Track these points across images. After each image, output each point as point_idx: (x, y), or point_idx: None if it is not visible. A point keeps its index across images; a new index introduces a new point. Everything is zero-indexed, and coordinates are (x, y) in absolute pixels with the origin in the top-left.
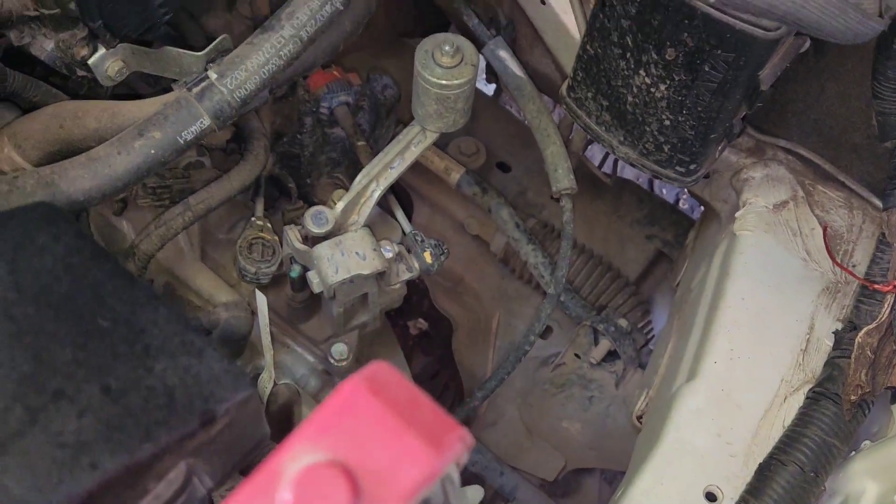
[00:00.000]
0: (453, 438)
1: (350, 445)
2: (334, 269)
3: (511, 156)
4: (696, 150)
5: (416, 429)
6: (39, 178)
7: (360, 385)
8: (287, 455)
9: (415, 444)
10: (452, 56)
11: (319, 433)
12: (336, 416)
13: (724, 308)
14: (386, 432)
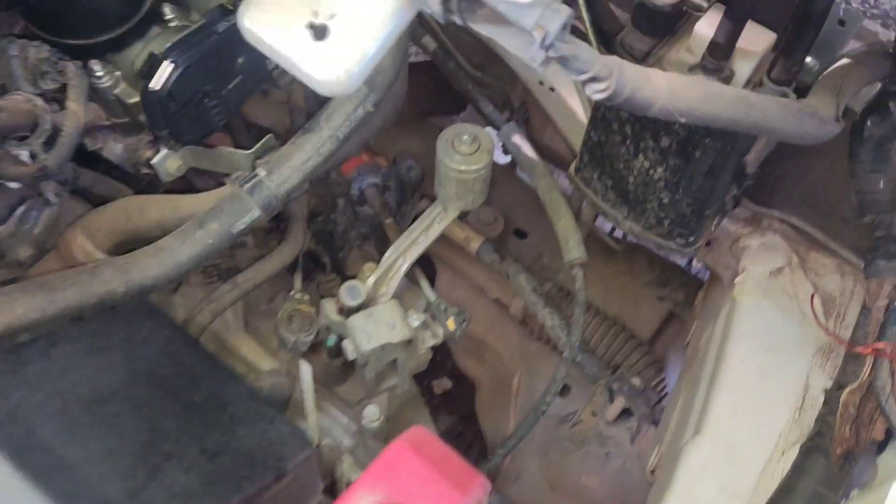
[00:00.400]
0: (476, 485)
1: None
2: (367, 338)
3: (527, 223)
4: (693, 225)
5: (447, 477)
6: (115, 267)
7: (405, 445)
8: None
9: (446, 489)
10: (470, 145)
11: (376, 481)
12: (387, 469)
13: (725, 368)
14: (424, 480)
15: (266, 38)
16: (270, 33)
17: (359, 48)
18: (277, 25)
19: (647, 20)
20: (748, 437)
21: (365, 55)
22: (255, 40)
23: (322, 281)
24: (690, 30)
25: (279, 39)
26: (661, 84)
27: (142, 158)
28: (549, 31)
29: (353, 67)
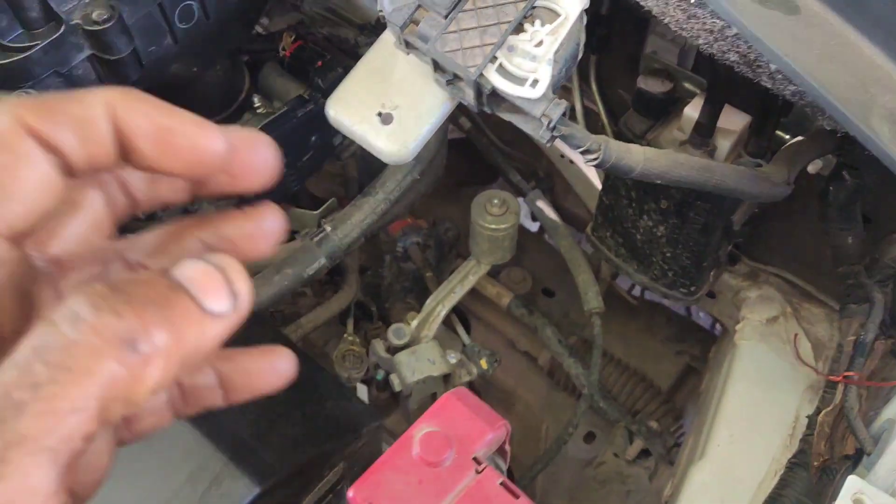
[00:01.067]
0: (500, 424)
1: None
2: (411, 371)
3: (555, 283)
4: (693, 276)
5: (481, 418)
6: None
7: (451, 395)
8: (416, 427)
9: (479, 425)
10: (500, 207)
11: (431, 418)
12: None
13: (725, 402)
14: (464, 419)
15: (346, 123)
16: (349, 119)
17: (415, 129)
18: (355, 114)
19: (644, 105)
20: (745, 460)
21: (420, 134)
22: (338, 124)
23: (369, 328)
24: (681, 113)
25: (356, 124)
26: (637, 154)
27: None
28: (553, 118)
29: (410, 143)
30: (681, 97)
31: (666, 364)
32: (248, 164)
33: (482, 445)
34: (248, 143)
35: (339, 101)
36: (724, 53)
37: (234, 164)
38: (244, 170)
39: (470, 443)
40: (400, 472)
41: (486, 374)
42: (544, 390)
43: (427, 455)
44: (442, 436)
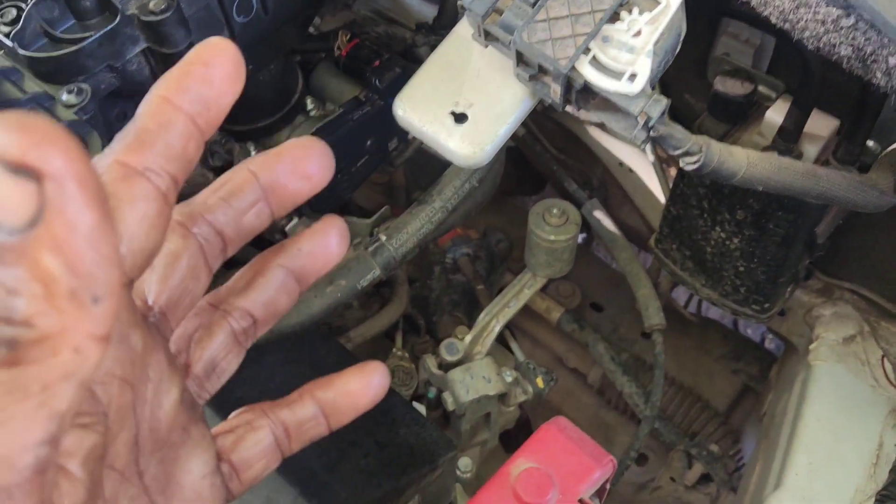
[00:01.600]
0: (607, 460)
1: (548, 459)
2: (465, 390)
3: (604, 297)
4: (768, 292)
5: (586, 452)
6: None
7: (552, 427)
8: (514, 463)
9: (585, 460)
10: (559, 217)
11: (530, 452)
12: (539, 443)
13: (802, 428)
14: (567, 454)
15: (416, 123)
16: (420, 119)
17: (492, 129)
18: (426, 113)
19: (721, 108)
20: (825, 490)
21: (497, 134)
22: (407, 125)
23: (417, 342)
24: (761, 117)
25: (427, 124)
26: (741, 157)
27: (278, 226)
28: (652, 116)
29: (486, 144)
30: (758, 100)
31: (721, 383)
32: (306, 171)
33: (589, 485)
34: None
35: (408, 98)
36: (833, 48)
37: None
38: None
39: (575, 482)
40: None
41: (542, 394)
42: (593, 409)
43: (527, 495)
44: (543, 473)
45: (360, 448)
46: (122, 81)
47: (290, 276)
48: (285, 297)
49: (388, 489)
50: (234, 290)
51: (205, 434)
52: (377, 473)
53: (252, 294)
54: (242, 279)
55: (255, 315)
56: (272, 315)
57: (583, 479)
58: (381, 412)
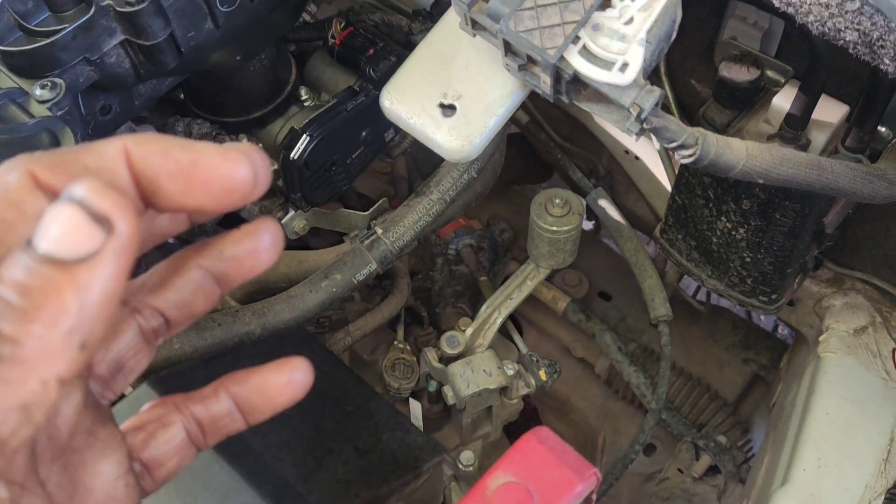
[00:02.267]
0: (590, 473)
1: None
2: (466, 384)
3: (611, 285)
4: (775, 283)
5: (567, 465)
6: (253, 311)
7: (532, 438)
8: (491, 477)
9: (567, 474)
10: (562, 207)
11: (508, 466)
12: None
13: (811, 422)
14: (548, 466)
15: (403, 115)
16: (407, 111)
17: (481, 122)
18: (413, 105)
19: (727, 95)
20: (834, 487)
21: (486, 127)
22: (394, 117)
23: (419, 335)
24: (768, 103)
25: (415, 116)
26: (739, 149)
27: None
28: (644, 108)
29: (475, 138)
30: (766, 86)
31: (731, 373)
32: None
33: (570, 499)
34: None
35: (395, 90)
36: (838, 32)
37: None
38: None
39: (555, 496)
40: None
41: (546, 387)
42: (601, 399)
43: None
44: (522, 488)
45: (338, 455)
46: (101, 74)
47: (209, 278)
48: (202, 300)
49: (367, 499)
50: (145, 285)
51: (114, 434)
52: (356, 482)
53: (165, 293)
54: (156, 275)
55: (167, 315)
56: (187, 317)
57: (564, 493)
58: (364, 416)
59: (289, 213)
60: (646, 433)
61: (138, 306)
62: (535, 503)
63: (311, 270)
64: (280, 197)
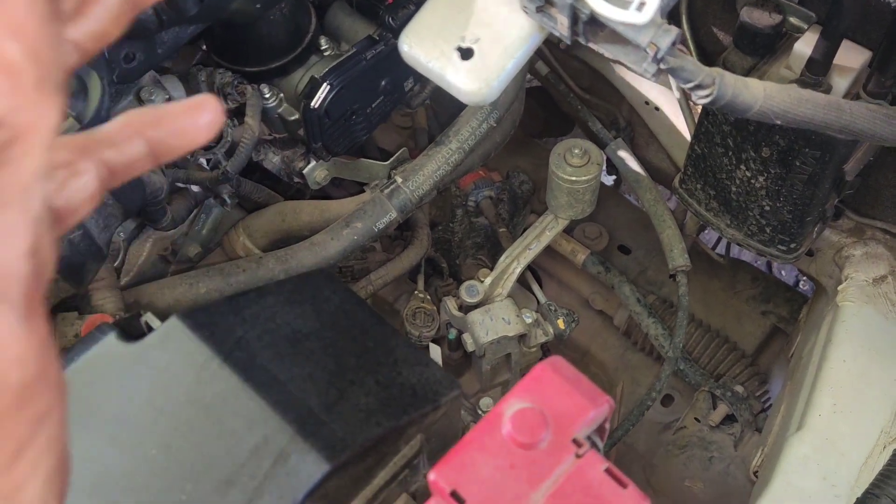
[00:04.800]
0: (603, 400)
1: (542, 399)
2: (485, 331)
3: (631, 239)
4: (794, 231)
5: (580, 392)
6: (277, 258)
7: (547, 367)
8: (506, 403)
9: (580, 400)
10: (581, 157)
11: (524, 392)
12: (533, 383)
13: (827, 369)
14: (562, 393)
15: (422, 59)
16: (425, 55)
17: (498, 65)
18: (431, 49)
19: (748, 41)
20: (849, 432)
21: (503, 70)
22: (413, 61)
23: (439, 285)
24: (789, 49)
25: (433, 59)
26: (757, 90)
27: (295, 168)
28: (661, 48)
29: (493, 80)
30: (787, 32)
31: (750, 325)
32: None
33: (583, 425)
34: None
35: (414, 34)
36: None
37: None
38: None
39: (569, 422)
40: (488, 454)
41: (563, 335)
42: (619, 350)
43: (520, 435)
44: (537, 413)
45: (360, 387)
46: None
47: (147, 148)
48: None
49: (388, 428)
50: (98, 138)
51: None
52: (377, 413)
53: (104, 151)
54: (108, 132)
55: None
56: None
57: (577, 419)
58: (384, 352)
59: (310, 163)
60: (662, 381)
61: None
62: (550, 427)
63: (332, 219)
64: (301, 147)
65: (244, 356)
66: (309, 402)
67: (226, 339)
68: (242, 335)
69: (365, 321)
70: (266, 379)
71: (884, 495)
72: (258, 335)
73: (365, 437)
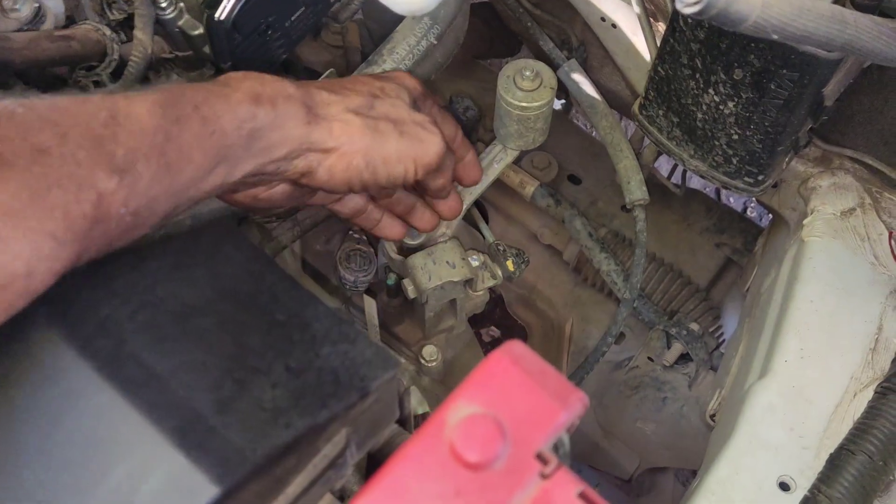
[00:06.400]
0: (576, 399)
1: (497, 401)
2: (427, 276)
3: (581, 168)
4: (763, 163)
5: (547, 390)
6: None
7: (503, 357)
8: (450, 408)
9: (546, 401)
10: (532, 80)
11: (473, 392)
12: (485, 380)
13: (793, 310)
14: (523, 392)
15: None
16: None
17: None
18: None
19: None
20: (818, 378)
21: None
22: None
23: None
24: None
25: None
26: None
27: None
28: None
29: None
30: None
31: (703, 258)
32: None
33: (550, 434)
34: None
35: None
36: None
37: None
38: None
39: (532, 431)
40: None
41: (512, 278)
42: (569, 286)
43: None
44: (490, 421)
45: (265, 377)
46: None
47: None
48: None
49: (301, 429)
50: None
51: None
52: (287, 411)
53: None
54: None
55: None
56: None
57: (543, 426)
58: (299, 327)
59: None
60: (619, 324)
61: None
62: (507, 439)
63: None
64: (210, 67)
65: (110, 344)
66: (196, 403)
67: (85, 320)
68: (109, 314)
69: (275, 286)
70: (139, 373)
71: (859, 451)
72: (131, 313)
73: (270, 445)
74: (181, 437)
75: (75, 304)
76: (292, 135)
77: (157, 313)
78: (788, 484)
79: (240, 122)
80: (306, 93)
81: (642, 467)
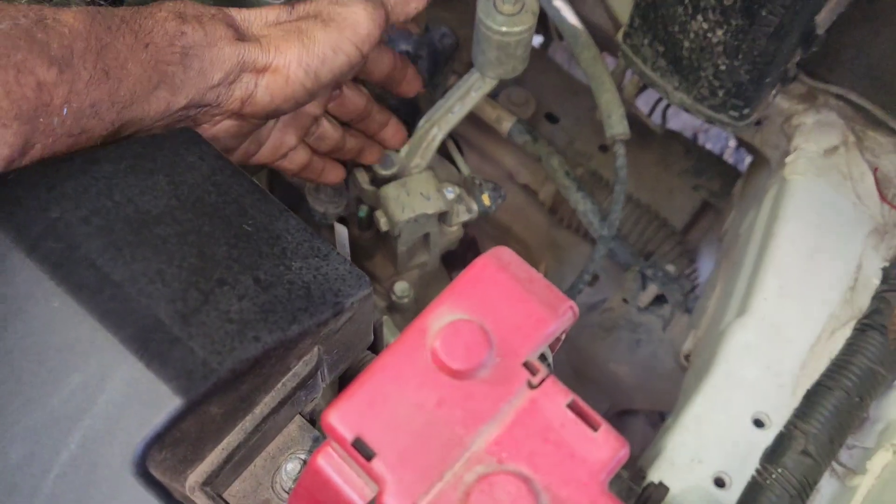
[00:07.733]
0: (566, 307)
1: (483, 308)
2: (401, 208)
3: (559, 106)
4: (750, 95)
5: (536, 297)
6: None
7: (490, 262)
8: (433, 315)
9: (536, 309)
10: (513, 4)
11: (458, 298)
12: (471, 285)
13: (773, 248)
14: (511, 299)
15: None
16: None
17: None
18: None
19: None
20: (796, 316)
21: None
22: None
23: None
24: None
25: None
26: None
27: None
28: None
29: None
30: None
31: (680, 200)
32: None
33: (539, 342)
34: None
35: None
36: None
37: None
38: None
39: (520, 339)
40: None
41: (488, 212)
42: (544, 227)
43: (452, 359)
44: (475, 328)
45: (232, 288)
46: None
47: None
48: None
49: (270, 343)
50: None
51: None
52: (255, 323)
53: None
54: None
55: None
56: None
57: (532, 334)
58: (268, 239)
59: None
60: (596, 261)
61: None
62: (493, 346)
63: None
64: None
65: (61, 247)
66: (157, 310)
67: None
68: (59, 216)
69: (242, 198)
70: (94, 278)
71: (837, 387)
72: (84, 217)
73: (237, 358)
74: (141, 346)
75: (22, 204)
76: (224, 53)
77: (112, 219)
78: (763, 420)
79: (171, 39)
80: (226, 14)
81: (613, 409)
